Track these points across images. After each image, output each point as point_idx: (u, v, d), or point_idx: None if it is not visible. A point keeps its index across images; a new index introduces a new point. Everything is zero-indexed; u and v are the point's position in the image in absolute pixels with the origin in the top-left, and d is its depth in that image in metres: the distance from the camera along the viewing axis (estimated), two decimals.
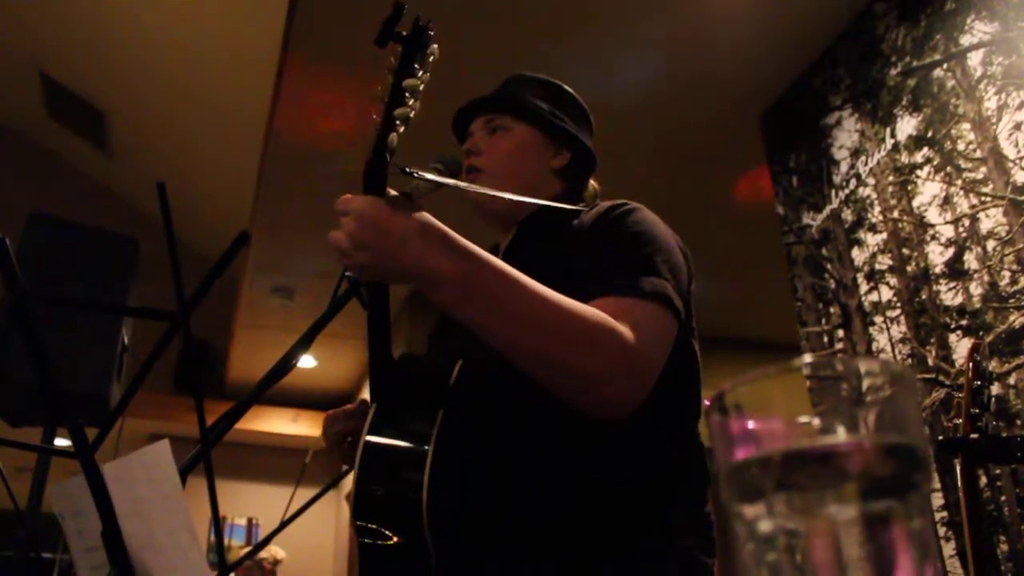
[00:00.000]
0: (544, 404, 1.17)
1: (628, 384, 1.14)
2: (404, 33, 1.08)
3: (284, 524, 1.30)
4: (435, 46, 1.10)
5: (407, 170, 1.13)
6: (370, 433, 1.25)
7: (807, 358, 0.42)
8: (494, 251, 1.58)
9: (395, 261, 1.08)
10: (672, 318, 1.21)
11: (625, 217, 1.32)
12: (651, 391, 1.16)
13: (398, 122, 1.10)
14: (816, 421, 0.40)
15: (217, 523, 0.72)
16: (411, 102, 1.10)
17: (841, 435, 0.39)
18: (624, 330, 1.13)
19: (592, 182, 1.61)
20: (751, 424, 0.40)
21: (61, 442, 3.03)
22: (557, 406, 1.17)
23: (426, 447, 1.17)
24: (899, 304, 2.81)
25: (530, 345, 1.11)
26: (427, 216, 1.11)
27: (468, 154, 1.50)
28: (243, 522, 7.47)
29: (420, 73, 1.10)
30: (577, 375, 1.12)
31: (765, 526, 0.39)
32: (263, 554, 5.49)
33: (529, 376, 1.14)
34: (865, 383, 0.41)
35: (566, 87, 1.61)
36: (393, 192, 1.14)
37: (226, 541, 7.32)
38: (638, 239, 1.28)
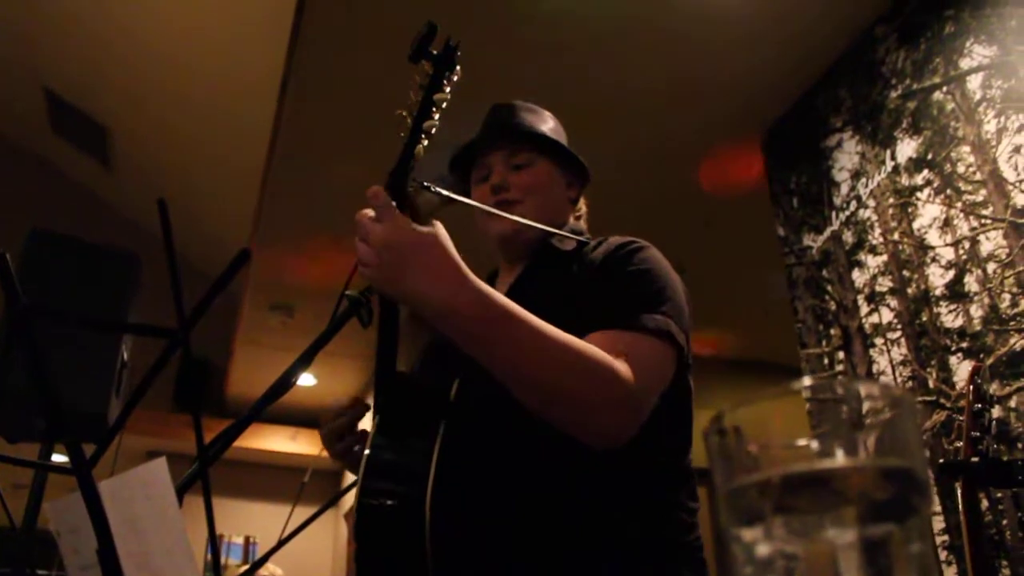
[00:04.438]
0: (542, 424, 1.18)
1: (621, 414, 1.17)
2: (436, 52, 1.15)
3: (282, 542, 1.30)
4: (459, 67, 1.17)
5: (426, 184, 1.17)
6: (372, 449, 1.26)
7: (806, 380, 0.42)
8: (493, 276, 1.60)
9: (419, 293, 1.09)
10: (673, 353, 1.26)
11: (634, 255, 1.37)
12: (646, 422, 1.20)
13: (423, 135, 1.16)
14: (815, 444, 0.40)
15: (214, 542, 0.71)
16: (435, 117, 1.16)
17: (840, 458, 0.39)
18: (620, 363, 1.16)
19: (582, 205, 1.66)
20: (750, 446, 0.40)
21: (59, 458, 3.02)
22: (554, 428, 1.18)
23: (428, 463, 1.18)
24: (900, 326, 2.81)
25: (527, 372, 1.14)
26: (449, 245, 1.12)
27: (496, 190, 1.50)
28: (240, 540, 7.44)
29: (446, 90, 1.17)
30: (571, 403, 1.15)
31: (763, 549, 0.39)
32: (262, 572, 5.46)
33: (523, 402, 1.16)
34: (865, 406, 0.41)
35: (549, 113, 1.63)
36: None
37: (223, 559, 7.28)
38: (644, 277, 1.33)
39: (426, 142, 1.17)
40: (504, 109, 1.61)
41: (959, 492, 1.63)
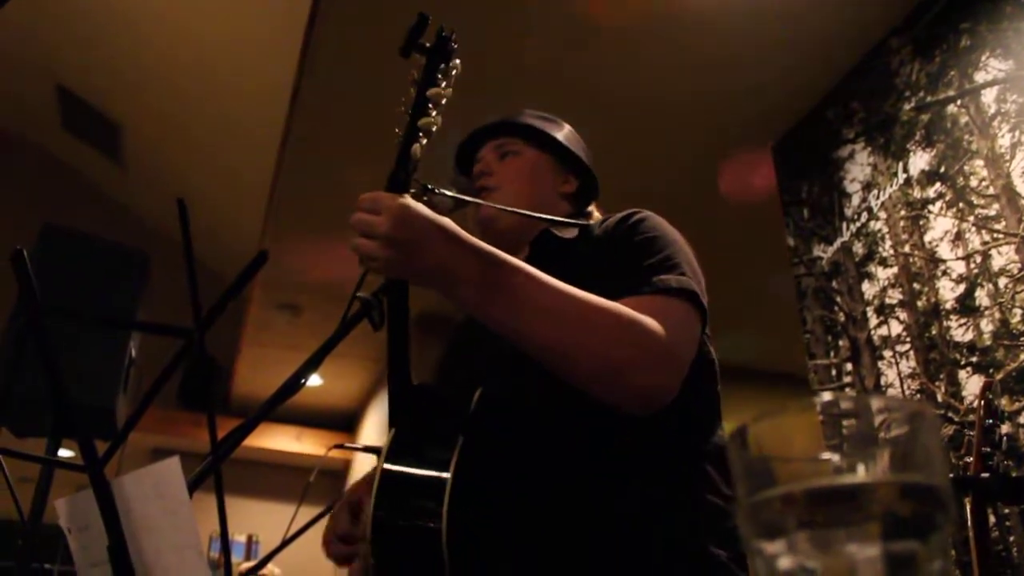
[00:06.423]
0: (564, 433, 1.14)
1: (660, 372, 1.14)
2: (428, 44, 1.09)
3: (286, 542, 1.29)
4: (457, 60, 1.12)
5: (429, 187, 1.14)
6: (387, 460, 1.22)
7: (827, 396, 0.42)
8: None
9: (421, 260, 1.09)
10: (697, 313, 1.22)
11: (639, 224, 1.34)
12: (677, 397, 1.15)
13: (421, 133, 1.11)
14: (837, 459, 0.39)
15: (225, 540, 0.71)
16: (434, 114, 1.11)
17: (864, 474, 0.39)
18: (652, 321, 1.13)
19: (594, 210, 1.61)
20: (773, 460, 0.40)
21: (65, 453, 3.03)
22: (578, 435, 1.15)
23: (445, 475, 1.13)
24: (909, 339, 2.80)
25: (559, 338, 1.11)
26: (448, 220, 1.13)
27: (480, 175, 1.50)
28: (243, 539, 7.44)
29: (443, 85, 1.11)
30: (608, 365, 1.11)
31: (785, 563, 0.39)
32: (262, 572, 5.45)
33: (559, 374, 1.13)
34: (886, 420, 0.41)
35: (563, 122, 1.62)
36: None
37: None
38: (655, 242, 1.30)
39: (425, 140, 1.13)
40: (514, 114, 1.62)
41: (967, 508, 1.63)
